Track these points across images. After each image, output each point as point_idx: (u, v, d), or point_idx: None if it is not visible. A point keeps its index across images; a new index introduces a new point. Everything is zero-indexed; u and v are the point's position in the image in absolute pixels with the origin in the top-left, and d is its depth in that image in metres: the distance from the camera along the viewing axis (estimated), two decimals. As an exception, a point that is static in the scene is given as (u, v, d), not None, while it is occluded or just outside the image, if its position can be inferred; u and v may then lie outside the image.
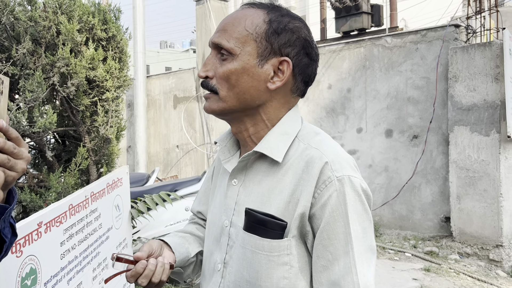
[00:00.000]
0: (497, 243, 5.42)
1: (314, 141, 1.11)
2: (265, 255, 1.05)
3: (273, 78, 1.10)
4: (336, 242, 1.02)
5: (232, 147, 1.23)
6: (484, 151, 5.53)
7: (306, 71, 1.14)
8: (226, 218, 1.17)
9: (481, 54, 5.56)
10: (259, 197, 1.10)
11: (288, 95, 1.14)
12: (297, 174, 1.07)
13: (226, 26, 1.11)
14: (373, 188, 6.86)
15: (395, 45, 6.67)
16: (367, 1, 10.80)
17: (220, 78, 1.10)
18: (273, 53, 1.09)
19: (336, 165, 1.05)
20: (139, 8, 9.13)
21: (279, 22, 1.10)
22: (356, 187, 1.04)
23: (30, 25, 2.81)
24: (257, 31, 1.09)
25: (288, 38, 1.10)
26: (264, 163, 1.13)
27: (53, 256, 2.09)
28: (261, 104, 1.12)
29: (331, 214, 1.02)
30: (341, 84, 7.26)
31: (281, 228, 1.04)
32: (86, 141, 3.11)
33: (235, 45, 1.08)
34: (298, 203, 1.05)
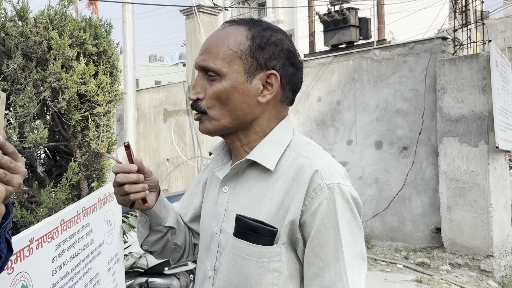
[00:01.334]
0: (487, 253, 5.45)
1: (305, 150, 1.13)
2: (255, 261, 1.07)
3: (263, 92, 1.13)
4: (327, 249, 1.04)
5: (224, 156, 1.26)
6: (473, 162, 5.58)
7: (293, 80, 1.17)
8: (216, 225, 1.18)
9: (469, 66, 5.64)
10: (249, 203, 1.12)
11: (278, 105, 1.17)
12: (287, 182, 1.09)
13: (210, 48, 1.13)
14: (364, 200, 6.88)
15: (384, 57, 6.74)
16: (355, 15, 10.93)
17: (210, 98, 1.12)
18: (260, 68, 1.12)
19: (326, 173, 1.07)
20: (129, 23, 9.15)
21: (262, 37, 1.12)
22: (346, 194, 1.06)
23: (21, 40, 2.80)
24: (242, 48, 1.11)
25: (272, 51, 1.12)
26: (255, 171, 1.15)
27: (45, 273, 2.07)
28: (254, 118, 1.14)
29: (322, 221, 1.04)
30: (331, 97, 7.31)
31: (272, 235, 1.06)
32: (77, 156, 3.09)
33: (222, 66, 1.10)
34: (288, 210, 1.06)
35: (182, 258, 1.44)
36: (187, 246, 1.42)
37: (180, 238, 1.38)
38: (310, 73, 7.55)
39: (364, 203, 6.89)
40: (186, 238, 1.41)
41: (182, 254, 1.43)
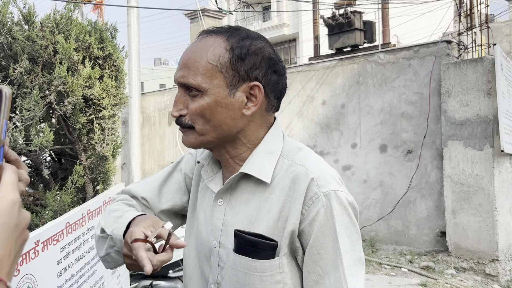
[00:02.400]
0: (493, 257, 5.43)
1: (298, 157, 1.12)
2: (258, 275, 1.06)
3: (247, 104, 1.09)
4: (325, 256, 1.03)
5: (214, 165, 1.22)
6: (478, 166, 5.56)
7: (277, 88, 1.13)
8: (214, 239, 1.15)
9: (473, 69, 5.63)
10: (247, 217, 1.10)
11: (264, 115, 1.13)
12: (284, 192, 1.08)
13: (188, 63, 1.08)
14: (369, 203, 6.87)
15: (388, 61, 6.74)
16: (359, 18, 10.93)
17: (194, 114, 1.08)
18: (242, 80, 1.07)
19: (322, 180, 1.06)
20: (134, 26, 9.19)
21: (241, 47, 1.07)
22: (343, 201, 1.06)
23: (27, 44, 2.82)
24: (221, 61, 1.06)
25: (254, 61, 1.08)
26: (249, 182, 1.12)
27: (50, 275, 2.08)
28: (239, 130, 1.11)
29: (320, 229, 1.04)
30: (335, 100, 7.31)
31: (272, 248, 1.05)
32: (82, 159, 3.11)
33: (202, 81, 1.06)
34: (287, 220, 1.06)
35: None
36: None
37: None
38: (315, 77, 7.56)
39: (368, 207, 6.88)
40: None
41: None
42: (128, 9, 9.09)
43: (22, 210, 0.64)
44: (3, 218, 0.60)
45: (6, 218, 0.61)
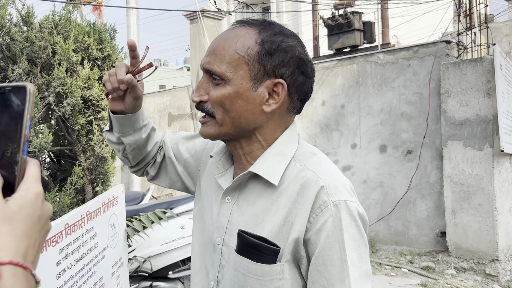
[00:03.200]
0: (493, 258, 5.42)
1: (310, 163, 1.09)
2: (257, 279, 1.04)
3: (268, 101, 1.07)
4: (331, 268, 1.00)
5: (226, 162, 1.20)
6: (478, 166, 5.56)
7: (302, 89, 1.11)
8: (218, 236, 1.15)
9: (473, 69, 5.63)
10: (253, 218, 1.08)
11: (284, 115, 1.12)
12: (292, 197, 1.05)
13: (216, 50, 1.07)
14: (369, 204, 6.87)
15: (388, 61, 6.74)
16: (359, 19, 10.94)
17: (214, 102, 1.06)
18: (267, 75, 1.05)
19: (332, 189, 1.03)
20: (133, 27, 9.19)
21: (272, 42, 1.05)
22: (353, 212, 1.02)
23: (26, 45, 2.82)
24: (249, 53, 1.04)
25: (282, 58, 1.06)
26: (258, 183, 1.10)
27: (49, 277, 2.08)
28: (257, 126, 1.09)
29: (327, 239, 1.00)
30: (335, 101, 7.31)
31: (274, 253, 1.03)
32: (81, 160, 3.11)
33: (227, 70, 1.04)
34: (292, 226, 1.03)
35: (130, 168, 1.44)
36: (140, 166, 1.41)
37: (137, 154, 1.36)
38: (314, 77, 7.55)
39: (368, 207, 6.88)
40: (145, 161, 1.40)
41: (131, 166, 1.42)
42: (127, 10, 9.09)
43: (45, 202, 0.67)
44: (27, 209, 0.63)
45: (31, 209, 0.63)
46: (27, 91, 0.65)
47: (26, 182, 0.65)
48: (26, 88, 0.65)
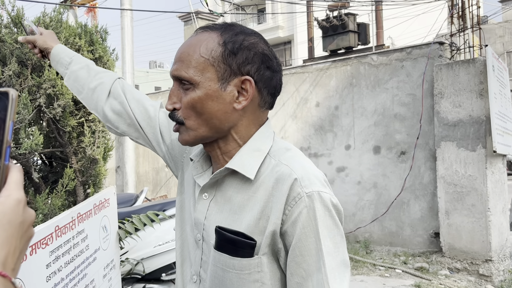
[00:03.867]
0: (486, 258, 5.44)
1: (284, 158, 1.11)
2: (236, 273, 1.06)
3: (238, 98, 1.10)
4: (308, 258, 1.02)
5: (204, 163, 1.23)
6: (471, 166, 5.58)
7: (271, 84, 1.13)
8: (198, 232, 1.17)
9: (466, 70, 5.65)
10: (230, 214, 1.10)
11: (257, 110, 1.14)
12: (267, 191, 1.07)
13: (182, 56, 1.11)
14: (363, 205, 6.88)
15: (381, 62, 6.75)
16: (353, 20, 10.96)
17: (186, 108, 1.10)
18: (233, 74, 1.08)
19: (306, 181, 1.05)
20: (128, 29, 9.18)
21: (234, 42, 1.09)
22: (326, 202, 1.04)
23: (16, 47, 2.81)
24: (213, 55, 1.08)
25: (246, 56, 1.09)
26: (235, 179, 1.13)
27: (39, 279, 2.07)
28: (231, 125, 1.12)
29: (302, 230, 1.02)
30: (329, 102, 7.32)
31: (251, 247, 1.05)
32: (73, 162, 3.09)
33: (194, 74, 1.08)
34: (268, 220, 1.05)
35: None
36: (98, 108, 1.48)
37: (84, 94, 1.52)
38: (308, 79, 7.57)
39: (362, 208, 6.89)
40: (97, 100, 1.49)
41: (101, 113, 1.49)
42: (121, 12, 9.08)
43: (27, 208, 0.67)
44: (8, 216, 0.63)
45: (12, 216, 0.63)
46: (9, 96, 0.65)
47: (7, 188, 0.65)
48: (9, 94, 0.65)
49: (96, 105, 1.47)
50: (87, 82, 1.49)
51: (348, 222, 7.03)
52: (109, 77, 1.48)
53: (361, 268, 5.98)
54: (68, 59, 1.54)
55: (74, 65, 1.53)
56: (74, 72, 1.52)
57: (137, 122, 1.41)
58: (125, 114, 1.42)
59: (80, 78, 1.51)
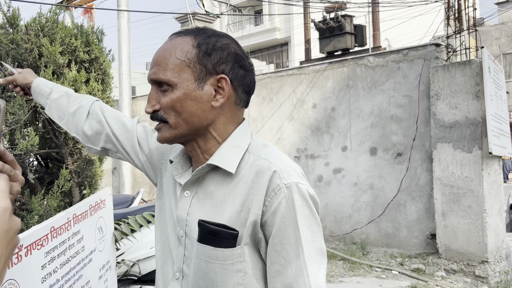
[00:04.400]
0: (482, 259, 5.45)
1: (263, 153, 1.17)
2: (219, 264, 1.10)
3: (215, 96, 1.15)
4: (287, 246, 1.08)
5: (184, 163, 1.27)
6: (467, 168, 5.59)
7: (245, 82, 1.19)
8: (180, 229, 1.21)
9: (462, 72, 5.67)
10: (212, 208, 1.15)
11: (233, 108, 1.20)
12: (247, 184, 1.12)
13: (158, 60, 1.16)
14: (359, 206, 6.88)
15: (378, 64, 6.77)
16: (350, 22, 10.98)
17: (165, 108, 1.15)
18: (209, 74, 1.14)
19: (284, 173, 1.11)
20: (124, 30, 9.17)
21: (208, 44, 1.15)
22: (304, 193, 1.10)
23: (12, 47, 2.81)
24: (189, 57, 1.14)
25: (220, 56, 1.15)
26: (216, 176, 1.18)
27: (34, 280, 2.06)
28: (210, 123, 1.17)
29: (282, 220, 1.08)
30: (326, 103, 7.33)
31: (233, 237, 1.10)
32: (68, 163, 3.09)
33: (172, 76, 1.13)
34: (249, 211, 1.10)
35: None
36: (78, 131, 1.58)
37: (65, 120, 1.62)
38: (305, 80, 7.57)
39: (359, 210, 6.89)
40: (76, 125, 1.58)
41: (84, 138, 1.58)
42: (118, 13, 9.07)
43: (13, 216, 0.68)
44: None
45: None
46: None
47: None
48: None
49: (77, 127, 1.57)
50: (68, 108, 1.60)
51: (344, 223, 7.03)
52: (87, 100, 1.58)
53: (357, 269, 5.98)
54: (48, 90, 1.63)
55: (54, 94, 1.62)
56: (54, 100, 1.61)
57: (115, 137, 1.49)
58: (103, 131, 1.51)
59: (60, 106, 1.61)
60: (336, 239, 7.10)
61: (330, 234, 7.15)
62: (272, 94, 7.92)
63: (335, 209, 7.15)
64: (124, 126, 1.49)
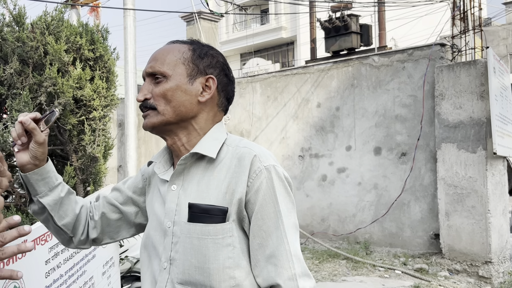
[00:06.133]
0: (486, 260, 5.44)
1: (241, 143, 1.31)
2: (212, 239, 1.20)
3: (202, 93, 1.30)
4: (268, 221, 1.21)
5: (166, 163, 1.39)
6: (471, 168, 5.58)
7: (227, 89, 1.37)
8: (168, 220, 1.28)
9: (467, 72, 5.65)
10: (199, 194, 1.25)
11: (215, 108, 1.35)
12: (230, 169, 1.25)
13: (157, 56, 1.31)
14: (363, 206, 6.88)
15: (382, 64, 6.76)
16: (356, 21, 10.97)
17: (157, 96, 1.28)
18: (200, 73, 1.31)
19: (263, 157, 1.25)
20: (130, 29, 9.20)
21: (201, 50, 1.34)
22: (280, 174, 1.25)
23: (17, 45, 2.83)
24: (184, 56, 1.31)
25: (210, 61, 1.33)
26: (199, 166, 1.29)
27: (38, 275, 2.09)
28: (194, 116, 1.31)
29: (263, 197, 1.22)
30: (330, 103, 7.33)
31: (223, 213, 1.21)
32: (73, 160, 3.11)
33: (168, 69, 1.28)
34: (234, 191, 1.22)
35: (71, 244, 1.47)
36: (78, 233, 1.44)
37: (67, 220, 1.40)
38: (310, 79, 7.58)
39: (363, 209, 6.89)
40: (80, 225, 1.44)
41: (70, 239, 1.45)
42: (124, 11, 9.10)
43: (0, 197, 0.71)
44: None
45: None
46: None
47: None
48: None
49: (85, 241, 1.48)
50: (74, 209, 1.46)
51: (348, 222, 7.03)
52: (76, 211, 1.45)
53: (360, 268, 5.99)
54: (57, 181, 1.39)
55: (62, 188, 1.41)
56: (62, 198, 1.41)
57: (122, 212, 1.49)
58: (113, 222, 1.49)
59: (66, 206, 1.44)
60: (339, 238, 7.11)
61: (333, 233, 7.16)
62: (277, 93, 7.93)
63: (339, 209, 7.15)
64: (115, 202, 1.49)
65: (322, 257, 6.50)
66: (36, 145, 1.26)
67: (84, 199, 1.51)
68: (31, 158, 1.28)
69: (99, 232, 1.47)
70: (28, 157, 1.28)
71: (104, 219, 1.47)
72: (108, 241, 1.51)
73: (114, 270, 3.09)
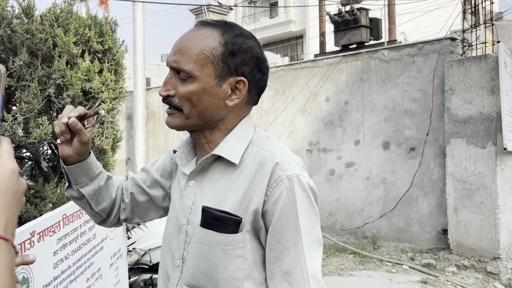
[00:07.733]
0: (494, 256, 5.41)
1: (266, 145, 1.21)
2: (222, 248, 1.14)
3: (230, 96, 1.19)
4: (287, 235, 1.12)
5: (189, 154, 1.32)
6: (480, 163, 5.54)
7: (259, 84, 1.24)
8: (183, 217, 1.24)
9: (477, 67, 5.60)
10: (215, 196, 1.18)
11: (243, 107, 1.25)
12: (250, 174, 1.16)
13: (183, 49, 1.18)
14: (371, 200, 6.86)
15: (392, 58, 6.72)
16: (365, 15, 10.91)
17: (182, 97, 1.18)
18: (230, 73, 1.18)
19: (286, 165, 1.15)
20: (139, 21, 9.21)
21: (234, 44, 1.18)
22: (304, 185, 1.14)
23: (27, 37, 2.84)
24: (214, 53, 1.16)
25: (243, 58, 1.18)
26: (220, 165, 1.21)
27: (46, 265, 2.10)
28: (220, 119, 1.22)
29: (283, 209, 1.12)
30: (339, 97, 7.30)
31: (236, 223, 1.13)
32: (81, 152, 3.12)
33: (194, 69, 1.16)
34: (251, 200, 1.14)
35: (104, 224, 1.49)
36: (112, 216, 1.46)
37: (103, 206, 1.42)
38: (319, 73, 7.55)
39: (371, 204, 6.87)
40: (115, 208, 1.46)
41: (103, 220, 1.47)
42: (133, 4, 9.11)
43: (20, 178, 0.71)
44: (5, 185, 0.66)
45: (8, 185, 0.67)
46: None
47: (1, 159, 0.68)
48: None
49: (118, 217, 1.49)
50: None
51: (356, 217, 7.02)
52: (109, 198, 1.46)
53: (368, 263, 5.98)
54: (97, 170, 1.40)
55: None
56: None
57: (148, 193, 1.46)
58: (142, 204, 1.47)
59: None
60: (347, 233, 7.10)
61: (341, 227, 7.15)
62: (285, 87, 7.91)
63: (346, 203, 7.14)
64: (143, 183, 1.46)
65: (330, 251, 6.50)
66: (80, 144, 1.26)
67: (119, 179, 1.50)
68: (74, 153, 1.28)
69: (128, 213, 1.48)
70: (71, 151, 1.28)
71: (133, 200, 1.46)
72: (137, 220, 1.51)
73: (122, 262, 3.11)
